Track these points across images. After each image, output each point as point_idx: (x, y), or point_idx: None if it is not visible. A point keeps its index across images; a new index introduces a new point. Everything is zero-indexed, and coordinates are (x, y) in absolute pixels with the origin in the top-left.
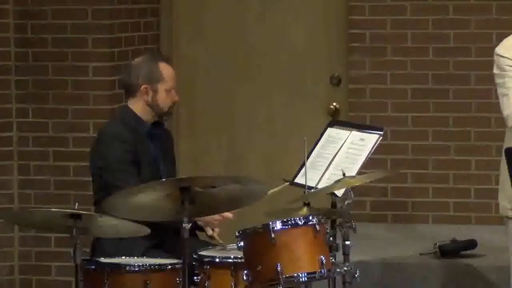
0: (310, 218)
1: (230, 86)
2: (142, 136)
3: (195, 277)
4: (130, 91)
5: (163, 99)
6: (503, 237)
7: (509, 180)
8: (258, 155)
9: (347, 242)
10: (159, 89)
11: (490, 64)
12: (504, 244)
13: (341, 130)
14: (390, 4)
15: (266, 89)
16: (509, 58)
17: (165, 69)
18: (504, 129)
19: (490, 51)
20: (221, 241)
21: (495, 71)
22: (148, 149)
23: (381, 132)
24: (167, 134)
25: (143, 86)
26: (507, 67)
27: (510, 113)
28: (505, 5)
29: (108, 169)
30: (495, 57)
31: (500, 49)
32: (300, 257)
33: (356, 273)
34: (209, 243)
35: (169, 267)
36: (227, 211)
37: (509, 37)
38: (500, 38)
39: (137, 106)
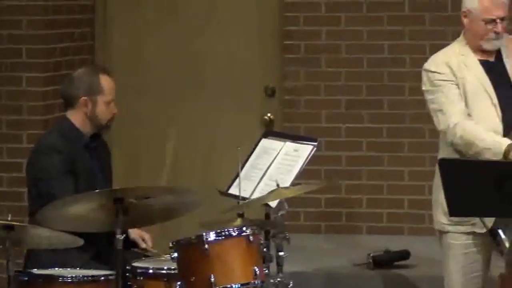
0: (244, 229)
1: (166, 96)
2: (79, 147)
3: None
4: (70, 102)
5: (103, 112)
6: (435, 248)
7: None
8: (192, 165)
9: (281, 253)
10: (99, 102)
11: None
12: (436, 254)
13: (275, 141)
14: (324, 15)
15: (201, 100)
16: (440, 73)
17: (106, 82)
18: (437, 140)
19: (424, 62)
20: (155, 251)
21: (425, 87)
22: (85, 161)
23: (315, 143)
24: (105, 146)
25: (82, 98)
26: (439, 82)
27: (447, 128)
28: (438, 17)
29: (45, 179)
30: (425, 73)
31: (430, 65)
32: (234, 268)
33: (289, 284)
34: (143, 254)
35: (102, 278)
36: (162, 222)
37: (437, 53)
38: (434, 49)
39: (76, 117)
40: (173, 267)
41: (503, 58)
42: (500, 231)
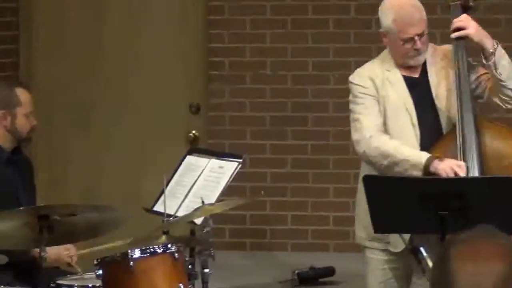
0: (169, 246)
1: (89, 113)
2: (0, 163)
3: None
4: None
5: (22, 124)
6: (360, 265)
7: (365, 208)
8: (117, 183)
9: (206, 270)
10: (18, 114)
11: (347, 92)
12: (361, 271)
13: (200, 158)
14: (249, 32)
15: (125, 117)
16: (361, 86)
17: (23, 94)
18: None
19: (348, 79)
20: (79, 270)
21: (350, 98)
22: (7, 176)
23: (240, 160)
24: (27, 161)
25: (1, 112)
26: (361, 94)
27: (359, 138)
28: (362, 33)
29: None
30: (349, 85)
31: (354, 77)
32: (159, 286)
33: None
34: (68, 272)
35: None
36: (87, 239)
37: (363, 66)
38: (358, 65)
39: None
40: (98, 285)
41: (427, 69)
42: (422, 249)
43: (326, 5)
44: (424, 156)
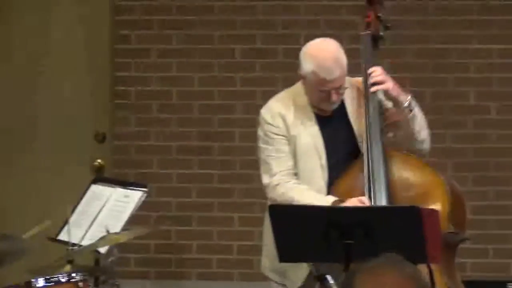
0: (73, 275)
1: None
2: None
3: None
4: None
5: None
6: None
7: (270, 238)
8: (19, 211)
9: None
10: None
11: (254, 121)
12: None
13: (105, 187)
14: (155, 61)
15: (31, 145)
16: (272, 125)
17: None
18: None
19: (254, 108)
20: None
21: (259, 133)
22: None
23: (145, 189)
24: None
25: None
26: (272, 135)
27: (267, 183)
28: (268, 63)
29: None
30: (261, 119)
31: (266, 114)
32: None
33: None
34: None
35: None
36: None
37: (275, 100)
38: (264, 95)
39: None
40: None
41: (346, 107)
42: (328, 277)
43: (233, 34)
44: (329, 200)
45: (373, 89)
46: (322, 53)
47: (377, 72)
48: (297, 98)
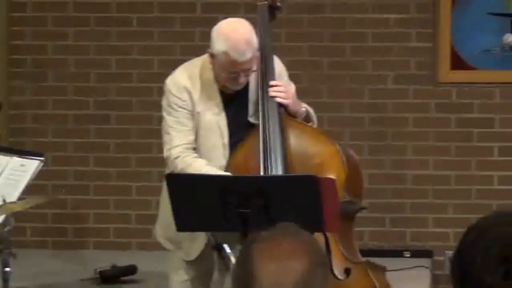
0: None
1: None
2: None
3: None
4: None
5: None
6: (163, 263)
7: (166, 207)
8: None
9: (7, 269)
10: None
11: (151, 90)
12: (163, 269)
13: (1, 156)
14: (51, 30)
15: None
16: (178, 98)
17: None
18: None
19: (151, 77)
20: None
21: (163, 102)
22: None
23: (42, 158)
24: None
25: None
26: (176, 107)
27: (168, 156)
28: (166, 32)
29: None
30: (166, 90)
31: (172, 87)
32: None
33: None
34: None
35: None
36: None
37: (181, 71)
38: (162, 64)
39: None
40: None
41: (250, 86)
42: (225, 246)
43: (130, 2)
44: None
45: (272, 94)
46: (235, 34)
47: (279, 89)
48: (204, 72)
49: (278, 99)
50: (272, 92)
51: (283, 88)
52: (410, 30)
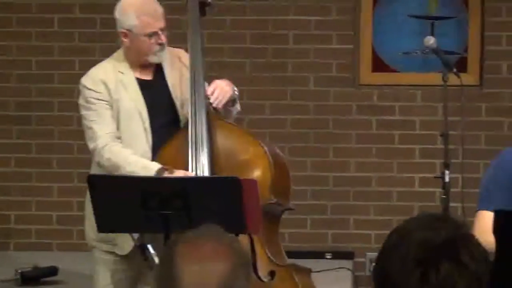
0: None
1: None
2: None
3: None
4: None
5: None
6: (85, 264)
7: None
8: None
9: None
10: None
11: (72, 91)
12: (85, 270)
13: None
14: None
15: None
16: (94, 91)
17: None
18: (86, 156)
19: (73, 78)
20: None
21: (80, 102)
22: None
23: None
24: None
25: None
26: (94, 100)
27: (94, 148)
28: (87, 33)
29: None
30: (81, 88)
31: (87, 81)
32: None
33: None
34: None
35: None
36: None
37: (95, 68)
38: (83, 65)
39: None
40: None
41: (165, 73)
42: (149, 246)
43: (51, 3)
44: (154, 167)
45: (209, 95)
46: (136, 1)
47: (215, 95)
48: (118, 64)
49: (220, 103)
50: (214, 101)
51: (218, 90)
52: (331, 32)
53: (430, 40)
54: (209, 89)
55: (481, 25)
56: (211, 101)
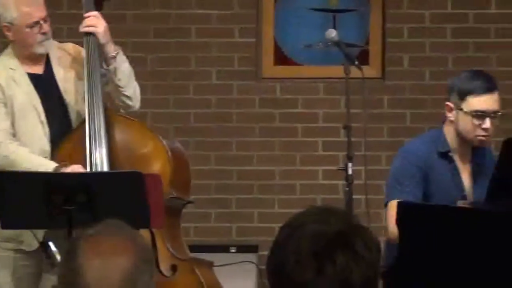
0: None
1: None
2: None
3: None
4: None
5: None
6: None
7: None
8: None
9: None
10: None
11: None
12: None
13: None
14: None
15: None
16: None
17: None
18: None
19: None
20: None
21: None
22: None
23: None
24: None
25: None
26: None
27: None
28: None
29: None
30: None
31: None
32: None
33: None
34: None
35: None
36: None
37: None
38: None
39: None
40: None
41: (53, 68)
42: (51, 244)
43: None
44: (51, 165)
45: (84, 29)
46: None
47: (92, 14)
48: (8, 61)
49: (89, 29)
50: (85, 23)
51: (93, 18)
52: (233, 25)
53: (332, 33)
54: (89, 14)
55: (382, 18)
56: (84, 22)
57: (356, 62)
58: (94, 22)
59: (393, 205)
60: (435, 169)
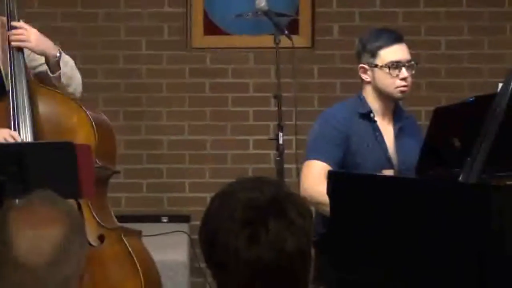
0: None
1: None
2: None
3: None
4: None
5: None
6: None
7: None
8: None
9: None
10: None
11: None
12: None
13: None
14: None
15: None
16: None
17: None
18: None
19: None
20: None
21: None
22: None
23: None
24: None
25: None
26: None
27: None
28: None
29: None
30: None
31: None
32: None
33: None
34: None
35: None
36: None
37: None
38: None
39: None
40: None
41: None
42: None
43: None
44: None
45: (14, 45)
46: None
47: (18, 32)
48: None
49: (20, 44)
50: (12, 38)
51: (22, 30)
52: None
53: (262, 2)
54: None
55: None
56: (12, 36)
57: (286, 32)
58: (23, 37)
59: (309, 164)
60: (357, 131)
